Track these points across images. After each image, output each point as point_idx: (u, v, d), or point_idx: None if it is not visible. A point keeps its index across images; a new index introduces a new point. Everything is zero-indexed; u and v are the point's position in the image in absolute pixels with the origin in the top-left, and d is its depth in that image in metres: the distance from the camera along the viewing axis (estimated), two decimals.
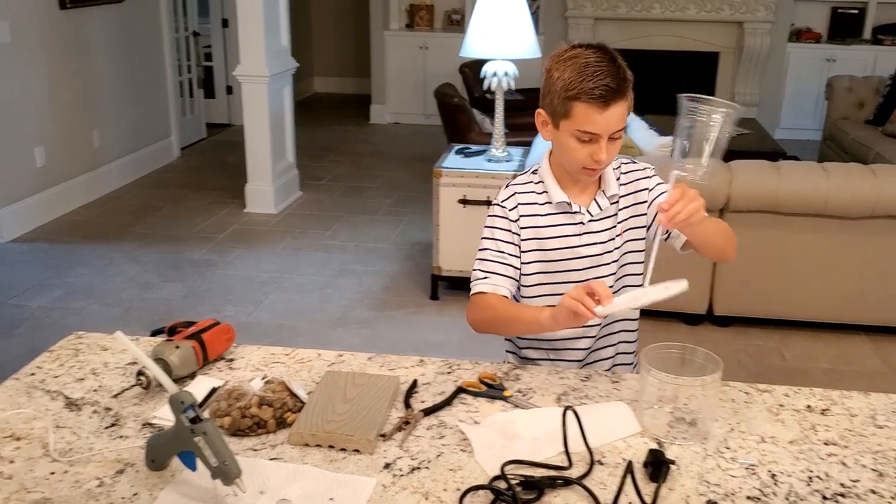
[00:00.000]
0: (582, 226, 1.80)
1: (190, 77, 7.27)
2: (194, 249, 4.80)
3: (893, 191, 3.51)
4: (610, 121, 1.66)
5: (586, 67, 1.66)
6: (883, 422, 1.52)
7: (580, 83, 1.65)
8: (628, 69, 1.70)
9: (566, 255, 1.80)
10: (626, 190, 1.82)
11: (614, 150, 1.72)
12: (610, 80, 1.64)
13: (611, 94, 1.64)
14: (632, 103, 1.72)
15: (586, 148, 1.69)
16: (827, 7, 7.71)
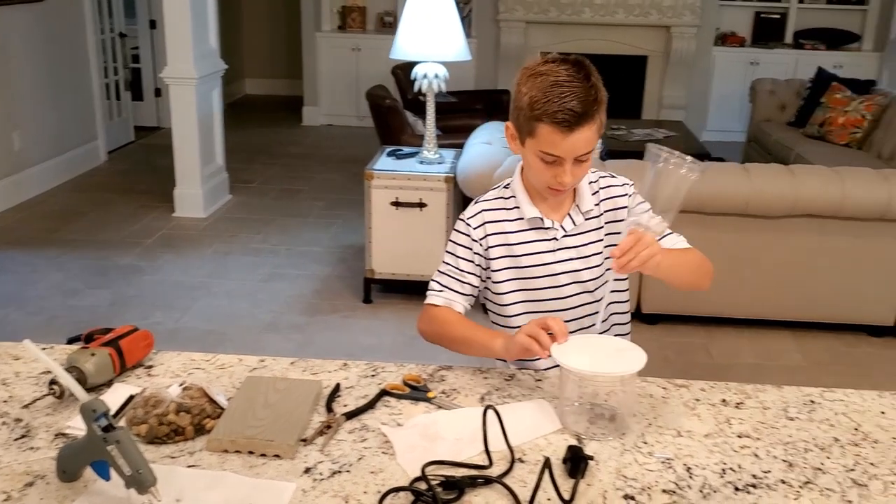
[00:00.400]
0: (555, 241, 1.77)
1: (117, 79, 7.12)
2: (121, 255, 4.70)
3: (811, 190, 3.63)
4: (575, 145, 1.62)
5: (553, 87, 1.60)
6: (794, 414, 1.57)
7: (545, 104, 1.60)
8: (602, 88, 1.64)
9: (542, 271, 1.79)
10: (604, 206, 1.79)
11: (581, 172, 1.69)
12: (576, 104, 1.58)
13: (575, 119, 1.59)
14: (602, 124, 1.67)
15: (550, 169, 1.66)
16: (750, 12, 7.93)
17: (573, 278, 1.79)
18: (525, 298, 1.82)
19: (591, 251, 1.79)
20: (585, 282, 1.80)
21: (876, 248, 3.74)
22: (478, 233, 1.80)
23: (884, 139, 5.53)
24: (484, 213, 1.81)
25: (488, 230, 1.80)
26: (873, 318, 3.88)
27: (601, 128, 1.66)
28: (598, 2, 7.54)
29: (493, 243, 1.79)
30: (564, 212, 1.78)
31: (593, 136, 1.64)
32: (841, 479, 1.36)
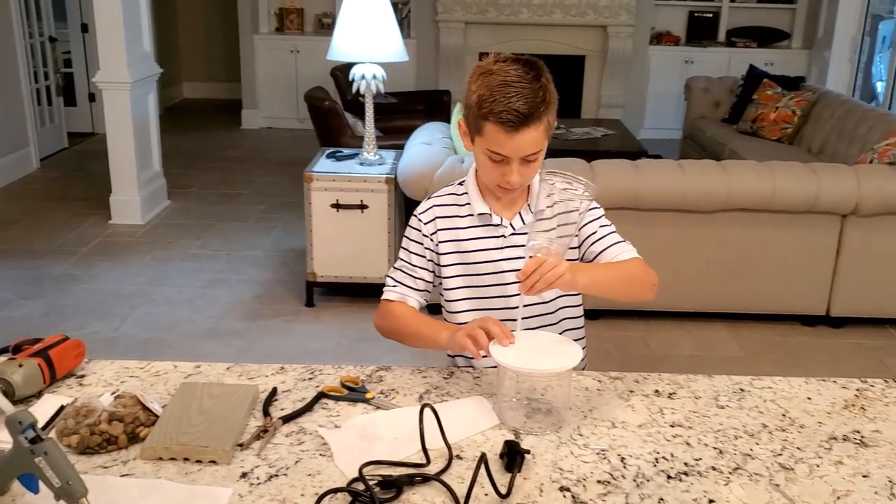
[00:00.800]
0: (503, 239, 1.78)
1: (48, 84, 6.96)
2: (55, 264, 4.60)
3: (743, 185, 3.72)
4: (520, 145, 1.63)
5: (501, 87, 1.60)
6: (724, 402, 1.61)
7: (491, 103, 1.61)
8: (552, 89, 1.65)
9: (489, 268, 1.80)
10: (558, 209, 1.77)
11: (529, 172, 1.70)
12: (522, 104, 1.59)
13: (520, 119, 1.59)
14: (551, 125, 1.67)
15: (498, 168, 1.67)
16: (684, 11, 8.09)
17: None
18: (472, 295, 1.84)
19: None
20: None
21: (807, 239, 3.84)
22: (429, 227, 1.82)
23: (813, 134, 5.69)
24: (435, 209, 1.84)
25: (438, 225, 1.82)
26: (806, 307, 3.99)
27: (550, 128, 1.67)
28: (535, 2, 7.61)
29: (444, 238, 1.82)
30: (516, 210, 1.80)
31: (540, 136, 1.64)
32: (769, 464, 1.40)
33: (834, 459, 1.42)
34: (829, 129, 5.51)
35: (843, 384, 1.69)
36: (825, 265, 3.89)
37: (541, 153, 1.68)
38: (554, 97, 1.66)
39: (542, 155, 1.69)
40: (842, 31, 7.18)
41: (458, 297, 1.85)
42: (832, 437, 1.49)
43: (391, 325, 1.82)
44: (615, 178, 3.73)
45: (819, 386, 1.68)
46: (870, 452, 1.45)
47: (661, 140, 7.71)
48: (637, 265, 1.78)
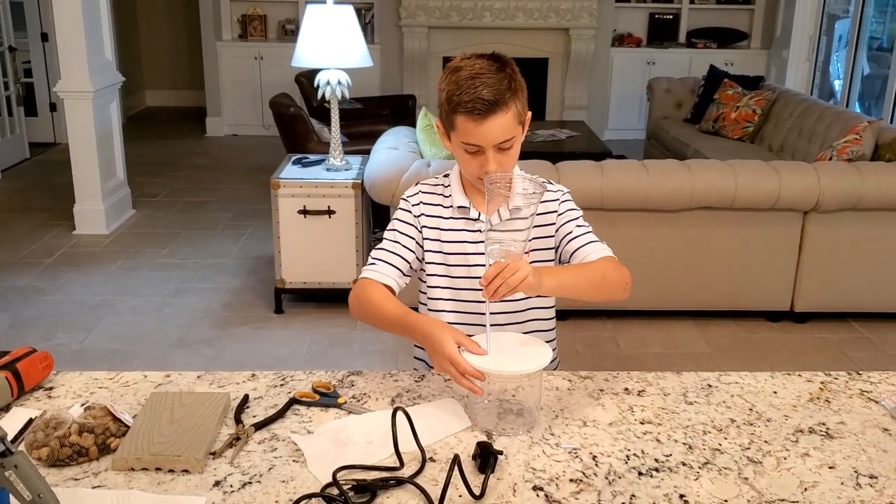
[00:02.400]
0: (480, 233, 1.82)
1: (8, 94, 6.86)
2: (19, 276, 4.53)
3: (706, 184, 3.77)
4: (489, 132, 1.67)
5: (466, 80, 1.67)
6: (693, 398, 1.63)
7: (458, 95, 1.67)
8: (518, 78, 1.70)
9: (467, 261, 1.83)
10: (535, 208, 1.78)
11: (508, 160, 1.73)
12: (487, 92, 1.65)
13: (487, 106, 1.65)
14: (521, 112, 1.72)
15: (475, 159, 1.72)
16: (645, 13, 8.18)
17: None
18: (448, 285, 1.87)
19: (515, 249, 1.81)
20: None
21: (769, 236, 3.90)
22: (416, 209, 1.87)
23: (773, 132, 5.78)
24: (422, 195, 1.88)
25: (423, 210, 1.87)
26: (771, 303, 4.05)
27: (520, 116, 1.71)
28: (498, 6, 7.64)
29: (427, 224, 1.86)
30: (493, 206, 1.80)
31: (510, 123, 1.68)
32: (738, 458, 1.43)
33: (801, 452, 1.45)
34: (788, 127, 5.60)
35: (807, 377, 1.72)
36: (788, 261, 3.95)
37: (515, 141, 1.72)
38: (521, 86, 1.71)
39: (516, 143, 1.73)
40: (799, 31, 7.31)
41: (436, 285, 1.88)
42: (798, 429, 1.52)
43: (362, 305, 1.79)
44: (580, 179, 3.76)
45: (784, 380, 1.71)
46: (835, 444, 1.48)
47: (624, 141, 7.78)
48: (608, 264, 1.78)
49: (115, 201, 5.41)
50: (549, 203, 1.85)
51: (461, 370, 1.50)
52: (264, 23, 8.12)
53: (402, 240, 1.85)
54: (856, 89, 6.78)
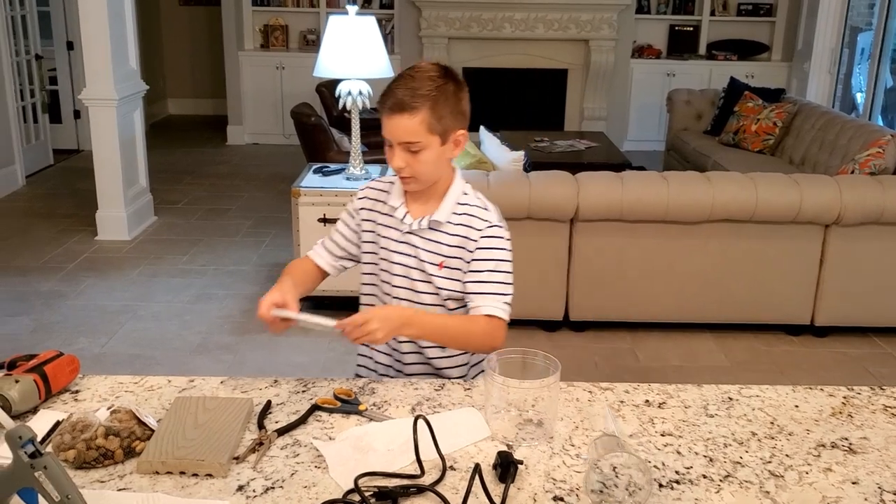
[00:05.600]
0: (401, 234, 1.86)
1: (34, 102, 6.94)
2: (42, 280, 4.58)
3: (727, 196, 3.76)
4: (394, 131, 1.74)
5: (401, 77, 1.75)
6: (714, 411, 1.63)
7: (386, 89, 1.75)
8: (443, 91, 1.72)
9: (385, 256, 1.89)
10: (459, 230, 1.83)
11: (416, 164, 1.76)
12: (401, 93, 1.71)
13: (396, 105, 1.71)
14: (434, 123, 1.72)
15: (389, 151, 1.79)
16: (665, 25, 8.17)
17: (404, 273, 1.87)
18: (371, 282, 1.95)
19: (428, 259, 1.84)
20: (414, 280, 1.86)
21: (790, 249, 3.89)
22: (359, 203, 1.94)
23: (794, 145, 5.75)
24: (368, 191, 1.95)
25: (365, 205, 1.93)
26: (790, 317, 4.03)
27: (433, 127, 1.72)
28: (518, 17, 7.67)
29: (366, 217, 1.92)
30: (423, 213, 1.85)
31: (416, 128, 1.72)
32: (759, 472, 1.43)
33: (823, 466, 1.45)
34: (810, 140, 5.57)
35: (829, 392, 1.72)
36: (809, 275, 3.93)
37: (423, 147, 1.74)
38: (447, 101, 1.73)
39: (427, 151, 1.75)
40: (821, 44, 7.28)
41: (367, 271, 1.95)
42: (820, 444, 1.52)
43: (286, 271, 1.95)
44: (600, 190, 3.76)
45: (806, 394, 1.71)
46: (858, 459, 1.47)
47: (643, 152, 7.77)
48: (480, 327, 1.77)
49: (137, 208, 5.46)
50: (471, 228, 1.83)
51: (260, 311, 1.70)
52: (286, 33, 8.18)
53: (341, 228, 1.96)
54: (878, 102, 6.74)
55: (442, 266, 1.84)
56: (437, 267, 1.84)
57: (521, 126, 7.37)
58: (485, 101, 7.96)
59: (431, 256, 1.84)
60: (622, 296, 3.95)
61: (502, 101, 7.98)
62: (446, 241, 1.84)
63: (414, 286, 1.86)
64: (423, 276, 1.85)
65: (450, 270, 1.84)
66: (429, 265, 1.84)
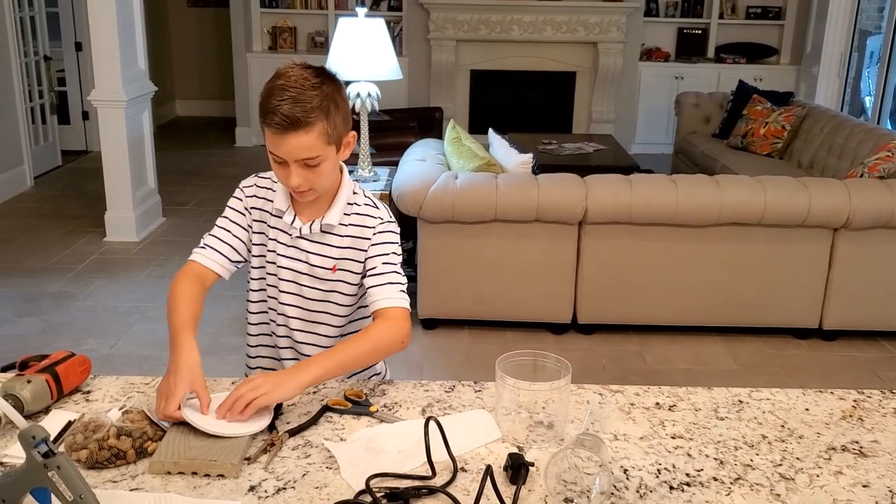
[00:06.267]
0: (290, 238, 1.79)
1: (42, 102, 6.97)
2: (51, 281, 4.60)
3: (735, 199, 3.75)
4: (291, 150, 1.61)
5: (277, 90, 1.59)
6: (724, 414, 1.63)
7: (265, 104, 1.61)
8: (333, 98, 1.62)
9: (277, 261, 1.81)
10: (351, 231, 1.79)
11: (316, 178, 1.67)
12: (291, 108, 1.57)
13: (287, 123, 1.58)
14: (330, 133, 1.63)
15: (281, 169, 1.67)
16: (674, 28, 8.17)
17: (294, 278, 1.81)
18: (259, 287, 1.87)
19: (319, 263, 1.79)
20: (303, 286, 1.81)
21: (798, 253, 3.88)
22: (249, 202, 1.83)
23: (803, 148, 5.75)
24: (256, 188, 1.84)
25: (255, 204, 1.83)
26: (799, 321, 4.02)
27: (329, 136, 1.63)
28: (526, 20, 7.67)
29: (256, 217, 1.83)
30: (312, 216, 1.78)
31: (314, 142, 1.61)
32: (769, 474, 1.42)
33: (834, 469, 1.44)
34: (818, 143, 5.56)
35: (840, 395, 1.71)
36: (817, 279, 3.92)
37: (322, 160, 1.65)
38: (337, 108, 1.64)
39: (326, 162, 1.66)
40: (830, 47, 7.27)
41: (256, 277, 1.87)
42: (831, 447, 1.52)
43: (169, 297, 1.76)
44: (609, 193, 3.76)
45: (816, 397, 1.70)
46: (869, 462, 1.47)
47: (651, 155, 7.76)
48: (384, 328, 1.71)
49: (146, 209, 5.47)
50: (366, 229, 1.79)
51: (165, 408, 1.47)
52: (294, 35, 8.20)
53: (232, 228, 1.83)
54: (887, 106, 6.72)
55: (335, 269, 1.79)
56: (331, 271, 1.79)
57: (529, 128, 7.38)
58: (493, 103, 8.00)
59: (323, 260, 1.79)
60: (630, 298, 3.95)
61: (510, 103, 7.99)
62: (339, 244, 1.79)
63: (303, 292, 1.81)
64: (313, 281, 1.80)
65: (343, 273, 1.80)
66: (320, 269, 1.79)
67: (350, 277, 1.81)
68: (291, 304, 1.84)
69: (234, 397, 1.49)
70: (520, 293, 3.93)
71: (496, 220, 3.81)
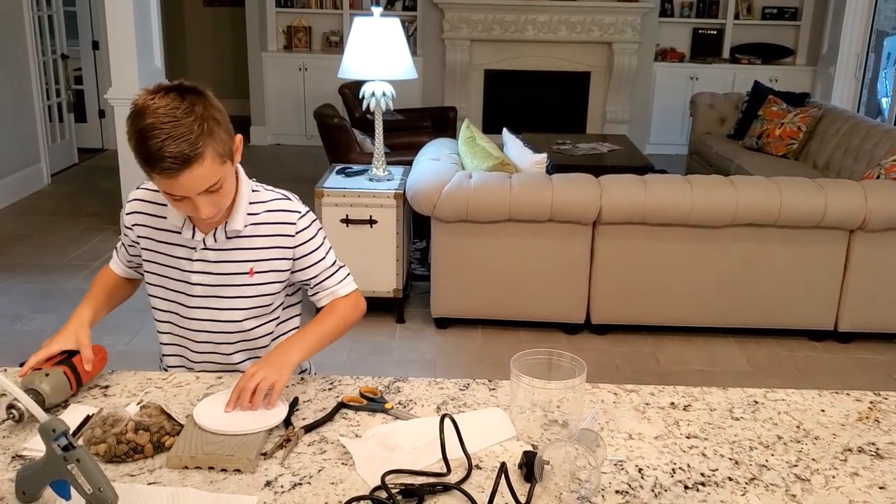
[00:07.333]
0: (194, 251, 1.72)
1: (59, 101, 7.02)
2: (67, 278, 4.63)
3: (751, 200, 3.74)
4: (189, 186, 1.52)
5: (150, 130, 1.47)
6: (739, 414, 1.63)
7: (143, 150, 1.48)
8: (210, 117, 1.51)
9: (183, 277, 1.74)
10: (264, 230, 1.72)
11: (221, 199, 1.61)
12: (174, 146, 1.46)
13: (178, 163, 1.47)
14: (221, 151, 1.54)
15: (182, 204, 1.58)
16: (689, 28, 8.14)
17: (206, 292, 1.74)
18: (166, 297, 1.80)
19: (232, 270, 1.73)
20: (217, 298, 1.75)
21: (814, 254, 3.86)
22: (129, 219, 1.79)
23: (818, 150, 5.72)
24: (138, 203, 1.78)
25: (137, 220, 1.77)
26: (814, 322, 4.00)
27: (222, 155, 1.55)
28: (541, 20, 7.66)
29: (142, 234, 1.77)
30: (213, 226, 1.71)
31: (210, 169, 1.52)
32: (785, 475, 1.42)
33: (850, 471, 1.44)
34: (834, 144, 5.53)
35: (856, 397, 1.71)
36: (833, 280, 3.90)
37: (222, 181, 1.57)
38: (217, 123, 1.53)
39: (227, 181, 1.60)
40: (846, 48, 7.23)
41: (157, 296, 1.82)
42: (847, 448, 1.51)
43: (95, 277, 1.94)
44: (623, 193, 3.75)
45: (832, 398, 1.70)
46: (885, 464, 1.47)
47: (666, 155, 7.74)
48: (350, 304, 1.83)
49: None
50: (284, 226, 1.73)
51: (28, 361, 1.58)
52: (309, 34, 8.22)
53: (124, 240, 1.85)
54: None
55: (253, 272, 1.73)
56: (248, 275, 1.73)
57: (544, 128, 7.37)
58: (507, 103, 8.00)
59: (237, 266, 1.73)
60: (644, 299, 3.94)
61: (524, 103, 7.98)
62: (252, 245, 1.72)
63: (216, 304, 1.75)
64: (228, 290, 1.74)
65: (263, 274, 1.74)
66: (235, 276, 1.73)
67: (272, 276, 1.75)
68: (203, 319, 1.78)
69: (238, 389, 1.53)
70: (533, 293, 3.93)
71: (510, 220, 3.81)
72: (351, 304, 1.84)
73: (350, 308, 1.84)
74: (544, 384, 1.51)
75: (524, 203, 3.74)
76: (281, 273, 1.76)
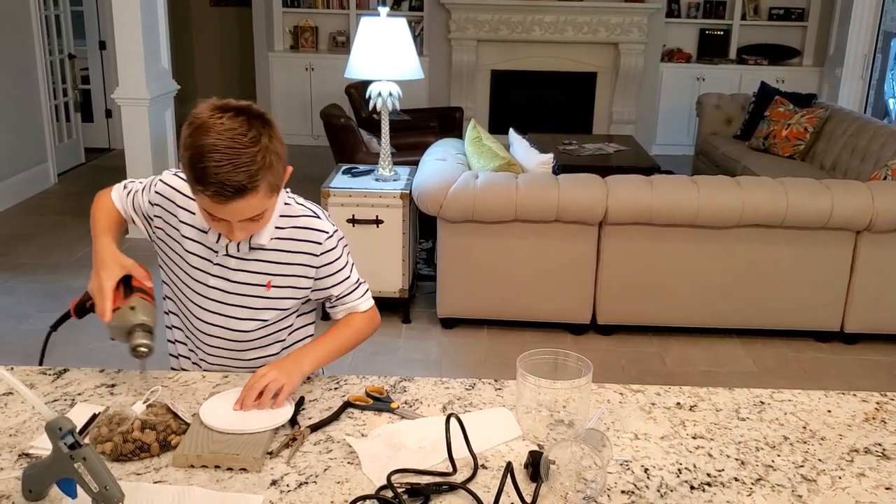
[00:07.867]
0: (215, 255, 1.71)
1: (66, 100, 7.04)
2: (74, 277, 4.64)
3: (757, 201, 3.73)
4: (234, 213, 1.51)
5: (209, 152, 1.44)
6: (745, 414, 1.62)
7: (197, 169, 1.45)
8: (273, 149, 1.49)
9: (198, 277, 1.73)
10: (288, 245, 1.70)
11: (257, 227, 1.62)
12: (232, 175, 1.44)
13: (231, 192, 1.46)
14: (275, 185, 1.54)
15: (218, 224, 1.58)
16: (695, 28, 8.13)
17: (220, 298, 1.73)
18: (178, 296, 1.80)
19: (249, 280, 1.71)
20: (231, 306, 1.74)
21: (820, 255, 3.85)
22: (156, 198, 1.77)
23: (825, 150, 5.70)
24: (169, 190, 1.74)
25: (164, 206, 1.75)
26: (820, 323, 3.99)
27: (274, 189, 1.54)
28: (547, 20, 7.66)
29: (159, 225, 1.77)
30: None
31: (260, 201, 1.52)
32: (791, 476, 1.42)
33: (856, 471, 1.44)
34: (841, 145, 5.52)
35: (862, 398, 1.70)
36: (839, 281, 3.89)
37: (267, 212, 1.59)
38: (278, 157, 1.51)
39: (268, 212, 1.60)
40: (853, 49, 7.21)
41: (170, 310, 1.84)
42: (853, 449, 1.51)
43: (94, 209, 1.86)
44: (630, 194, 3.75)
45: (839, 399, 1.69)
46: (892, 465, 1.46)
47: (672, 156, 7.73)
48: (365, 319, 1.86)
49: None
50: (309, 244, 1.71)
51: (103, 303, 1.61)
52: (315, 34, 8.23)
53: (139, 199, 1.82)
54: None
55: (270, 286, 1.71)
56: (265, 288, 1.71)
57: (550, 129, 7.37)
58: (513, 103, 8.00)
59: (255, 277, 1.71)
60: (650, 300, 3.94)
61: (531, 103, 7.98)
62: (274, 259, 1.70)
63: (229, 311, 1.73)
64: (242, 300, 1.72)
65: (280, 289, 1.72)
66: (252, 287, 1.71)
67: (288, 293, 1.73)
68: (213, 324, 1.76)
69: (248, 387, 1.55)
70: (539, 293, 3.92)
71: (516, 220, 3.81)
72: (367, 320, 1.86)
73: (366, 324, 1.86)
74: (550, 384, 1.51)
75: (530, 203, 3.74)
76: (300, 290, 1.75)
